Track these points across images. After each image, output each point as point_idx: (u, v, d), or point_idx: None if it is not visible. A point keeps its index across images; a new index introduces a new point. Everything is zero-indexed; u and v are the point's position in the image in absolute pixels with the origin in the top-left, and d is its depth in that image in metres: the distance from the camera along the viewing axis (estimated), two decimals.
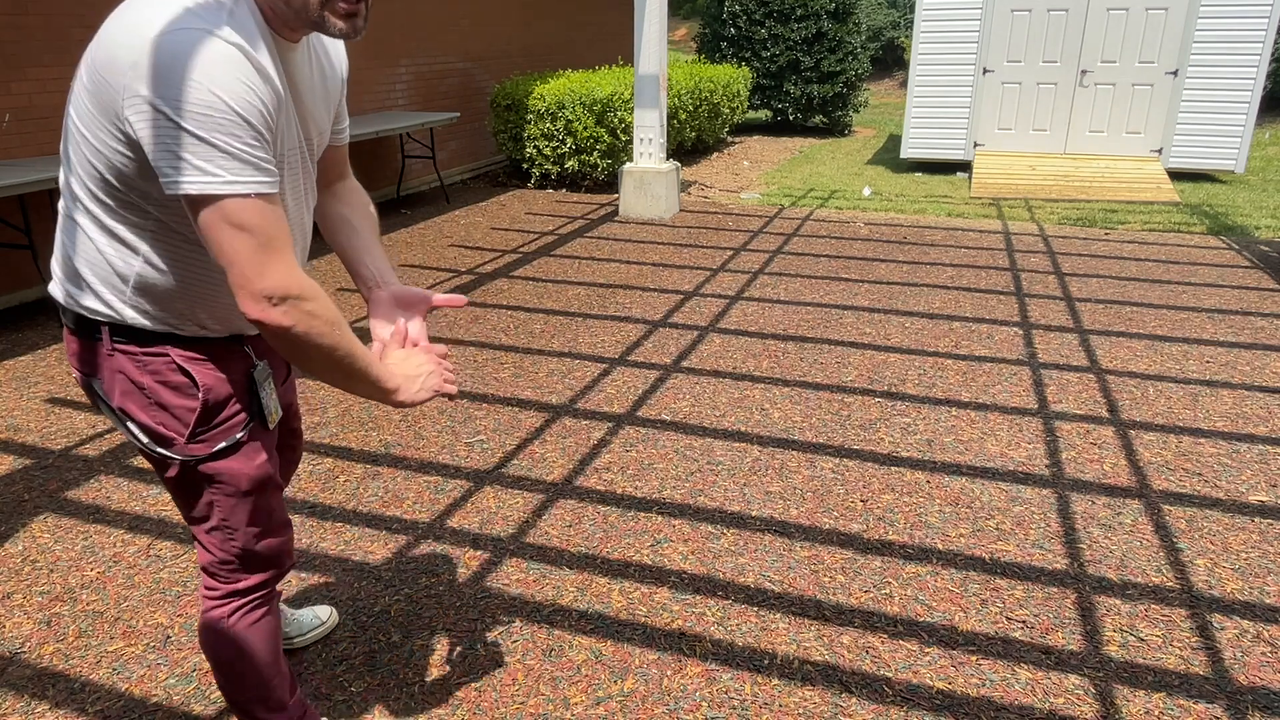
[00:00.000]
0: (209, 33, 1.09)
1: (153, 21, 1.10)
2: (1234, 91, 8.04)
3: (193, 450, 1.37)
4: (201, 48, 1.08)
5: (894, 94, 18.06)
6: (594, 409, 3.44)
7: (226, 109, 1.09)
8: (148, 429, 1.35)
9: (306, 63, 1.32)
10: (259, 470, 1.43)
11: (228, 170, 1.11)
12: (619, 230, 6.47)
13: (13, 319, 4.44)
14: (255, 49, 1.15)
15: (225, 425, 1.39)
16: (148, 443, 1.36)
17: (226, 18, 1.13)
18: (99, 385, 1.35)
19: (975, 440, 3.18)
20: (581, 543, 2.55)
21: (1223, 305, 4.74)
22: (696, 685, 2.00)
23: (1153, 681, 2.01)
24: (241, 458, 1.41)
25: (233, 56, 1.11)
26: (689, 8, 22.98)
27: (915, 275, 5.32)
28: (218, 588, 1.50)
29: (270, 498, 1.48)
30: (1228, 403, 3.50)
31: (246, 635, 1.51)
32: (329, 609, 2.19)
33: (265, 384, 1.44)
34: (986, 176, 8.16)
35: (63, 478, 2.89)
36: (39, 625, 2.19)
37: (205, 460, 1.38)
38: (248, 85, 1.12)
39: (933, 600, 2.30)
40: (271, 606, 1.56)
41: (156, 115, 1.08)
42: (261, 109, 1.14)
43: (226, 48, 1.10)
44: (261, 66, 1.15)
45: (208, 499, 1.41)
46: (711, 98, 9.88)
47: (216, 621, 1.50)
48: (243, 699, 1.58)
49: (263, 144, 1.15)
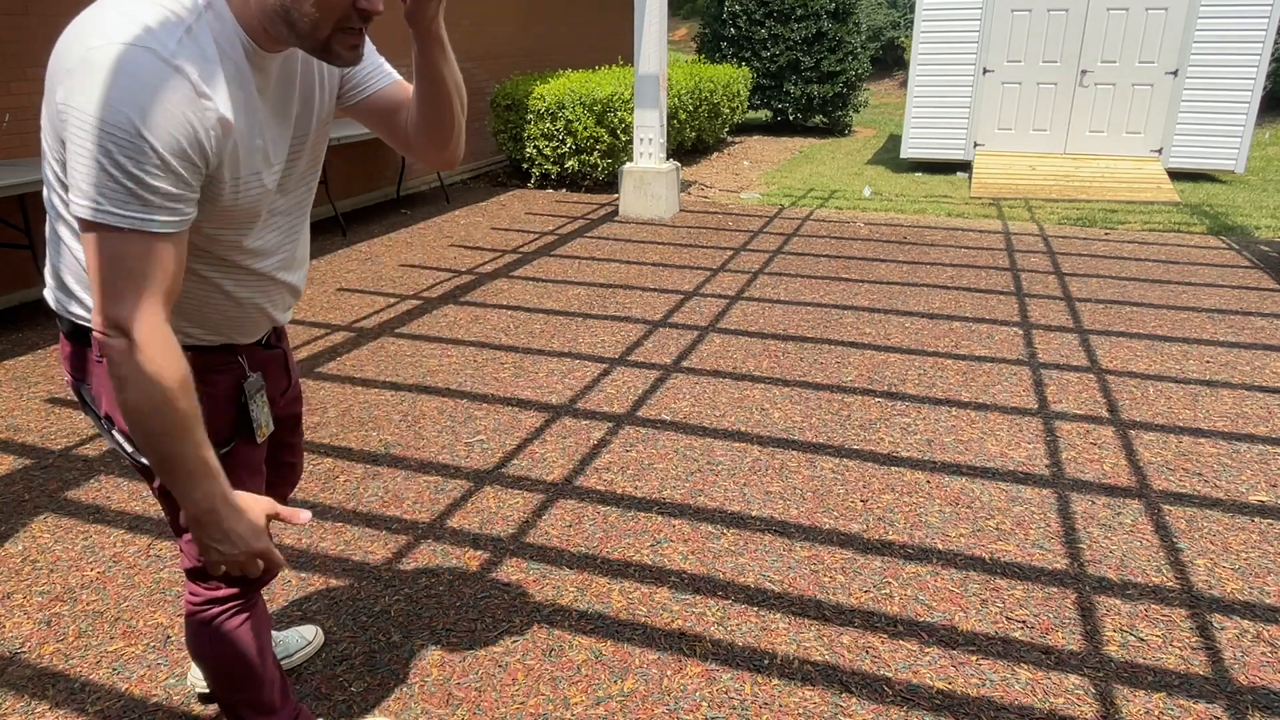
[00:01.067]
0: (150, 50, 1.03)
1: (99, 30, 1.04)
2: (1234, 91, 8.05)
3: None
4: (134, 67, 1.02)
5: (894, 94, 18.06)
6: (594, 409, 3.44)
7: (138, 137, 1.02)
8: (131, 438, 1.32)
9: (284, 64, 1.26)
10: (240, 484, 1.39)
11: (109, 198, 1.04)
12: (619, 230, 6.47)
13: (13, 319, 4.44)
14: (205, 71, 1.08)
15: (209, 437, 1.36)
16: (131, 451, 1.34)
17: (180, 34, 1.06)
18: (87, 392, 1.34)
19: (975, 440, 3.18)
20: (581, 543, 2.55)
21: (1223, 305, 4.74)
22: (696, 685, 2.00)
23: (1153, 681, 2.01)
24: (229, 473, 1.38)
25: (163, 74, 1.03)
26: (689, 8, 22.98)
27: (915, 275, 5.32)
28: (199, 594, 1.50)
29: None
30: (1228, 403, 3.50)
31: (229, 639, 1.51)
32: (314, 628, 2.14)
33: (256, 397, 1.42)
34: (986, 176, 8.16)
35: (63, 478, 2.89)
36: (39, 625, 2.19)
37: None
38: (175, 115, 1.05)
39: (933, 600, 2.30)
40: (254, 612, 1.55)
41: (76, 128, 1.03)
42: (184, 140, 1.06)
43: (163, 71, 1.03)
44: (201, 87, 1.07)
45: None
46: (711, 98, 9.88)
47: (200, 626, 1.51)
48: (230, 701, 1.58)
49: (172, 177, 1.07)
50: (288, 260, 1.42)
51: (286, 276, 1.43)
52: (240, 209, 1.24)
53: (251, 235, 1.30)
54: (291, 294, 1.47)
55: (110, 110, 1.01)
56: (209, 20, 1.10)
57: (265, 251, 1.35)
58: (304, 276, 1.49)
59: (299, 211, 1.41)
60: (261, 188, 1.26)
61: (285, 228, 1.38)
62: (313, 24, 1.11)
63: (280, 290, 1.42)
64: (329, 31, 1.12)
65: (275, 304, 1.43)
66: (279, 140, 1.28)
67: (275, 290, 1.41)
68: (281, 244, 1.39)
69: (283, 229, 1.38)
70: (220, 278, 1.31)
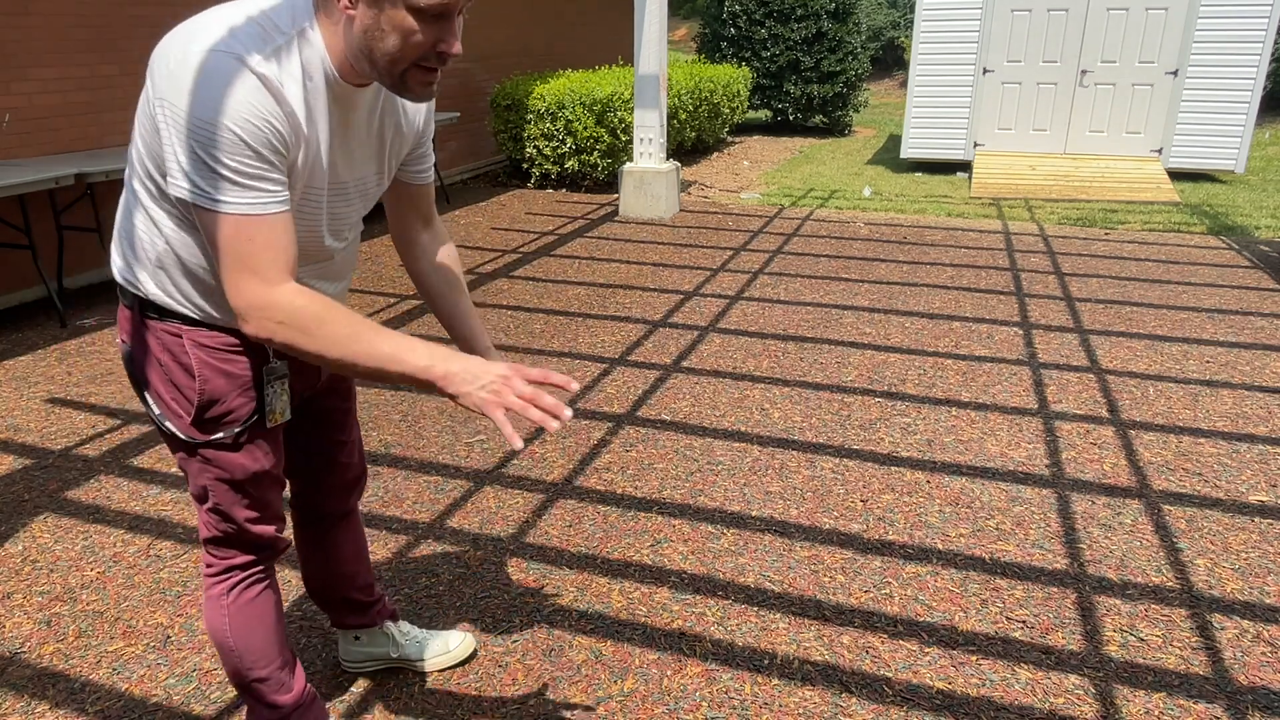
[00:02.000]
0: (238, 59, 1.16)
1: (201, 37, 1.17)
2: (1234, 91, 8.05)
3: (195, 434, 1.42)
4: (225, 72, 1.15)
5: (894, 94, 18.06)
6: (594, 409, 3.44)
7: (226, 131, 1.15)
8: (162, 402, 1.42)
9: (371, 108, 1.36)
10: (255, 464, 1.47)
11: (218, 189, 1.17)
12: (619, 230, 6.47)
13: (13, 319, 4.44)
14: (286, 82, 1.20)
15: (226, 418, 1.42)
16: (158, 415, 1.43)
17: (269, 50, 1.18)
18: (132, 354, 1.43)
19: (975, 440, 3.18)
20: (581, 543, 2.55)
21: (1223, 305, 4.74)
22: (696, 685, 2.00)
23: (1153, 681, 2.01)
24: (242, 452, 1.45)
25: (251, 85, 1.16)
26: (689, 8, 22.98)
27: (915, 275, 5.32)
28: (214, 563, 1.55)
29: (266, 491, 1.51)
30: (1228, 403, 3.50)
31: (246, 609, 1.56)
32: (461, 635, 2.06)
33: (275, 383, 1.46)
34: (986, 176, 8.16)
35: (63, 478, 2.89)
36: (39, 625, 2.19)
37: (203, 446, 1.43)
38: (258, 112, 1.16)
39: (933, 600, 2.30)
40: (268, 585, 1.59)
41: (173, 123, 1.16)
42: (269, 135, 1.18)
43: (248, 76, 1.16)
44: (282, 96, 1.19)
45: (205, 481, 1.47)
46: (711, 98, 9.88)
47: (215, 597, 1.56)
48: (244, 679, 1.60)
49: (264, 165, 1.19)
50: (325, 271, 1.48)
51: (324, 285, 1.49)
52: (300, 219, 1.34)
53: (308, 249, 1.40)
54: None
55: (205, 111, 1.14)
56: (300, 44, 1.21)
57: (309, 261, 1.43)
58: (342, 290, 1.56)
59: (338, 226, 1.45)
60: (318, 204, 1.36)
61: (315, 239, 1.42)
62: (391, 61, 1.20)
63: None
64: (405, 67, 1.21)
65: None
66: (344, 170, 1.37)
67: None
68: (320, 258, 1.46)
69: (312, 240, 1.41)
70: None
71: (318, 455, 1.72)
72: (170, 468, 2.95)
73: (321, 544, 1.83)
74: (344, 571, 1.87)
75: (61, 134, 4.75)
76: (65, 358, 3.92)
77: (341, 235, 1.46)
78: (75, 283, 4.95)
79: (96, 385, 3.62)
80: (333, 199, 1.39)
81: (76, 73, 4.77)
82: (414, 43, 1.19)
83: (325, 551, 1.84)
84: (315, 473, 1.74)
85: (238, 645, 1.57)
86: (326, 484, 1.76)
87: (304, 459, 1.71)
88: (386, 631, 1.98)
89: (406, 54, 1.20)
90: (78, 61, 4.77)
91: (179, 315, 1.38)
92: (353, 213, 1.46)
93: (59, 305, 4.35)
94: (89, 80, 4.85)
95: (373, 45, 1.20)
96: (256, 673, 1.60)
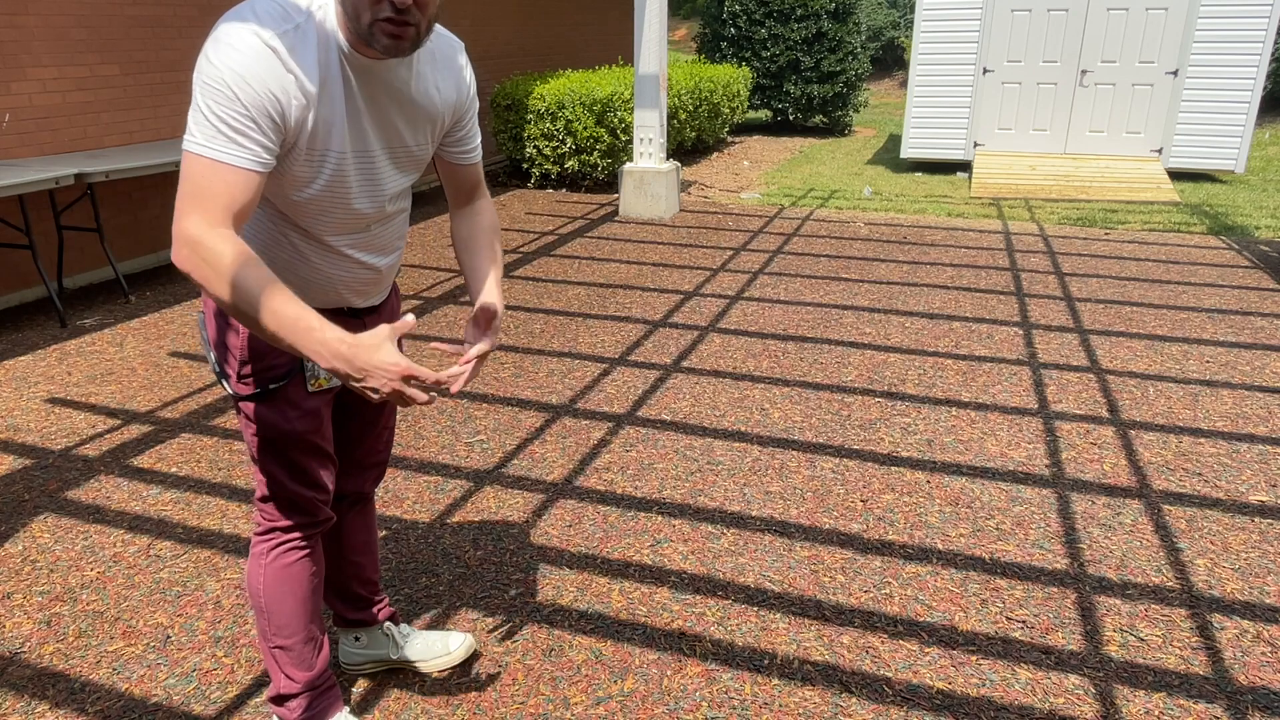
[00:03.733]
0: (254, 33, 1.29)
1: (230, 18, 1.31)
2: (1234, 91, 8.04)
3: (239, 388, 1.55)
4: (238, 40, 1.28)
5: (894, 94, 18.06)
6: (594, 409, 3.44)
7: (225, 86, 1.27)
8: (221, 363, 1.57)
9: (402, 81, 1.44)
10: (288, 424, 1.56)
11: (202, 134, 1.29)
12: (619, 230, 6.47)
13: (13, 319, 4.44)
14: (298, 54, 1.31)
15: (262, 371, 1.54)
16: (216, 371, 1.58)
17: (286, 28, 1.31)
18: (202, 319, 1.59)
19: (975, 440, 3.18)
20: (581, 543, 2.55)
21: (1223, 305, 4.74)
22: (696, 685, 2.00)
23: (1153, 681, 2.01)
24: (272, 408, 1.55)
25: (260, 52, 1.28)
26: (689, 8, 22.98)
27: (915, 275, 5.32)
28: (262, 522, 1.66)
29: (302, 455, 1.60)
30: (1228, 403, 3.50)
31: (282, 574, 1.65)
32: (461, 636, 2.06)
33: None
34: (986, 176, 8.16)
35: (63, 478, 2.89)
36: (39, 625, 2.19)
37: (245, 399, 1.56)
38: (261, 76, 1.28)
39: (933, 600, 2.30)
40: (310, 555, 1.67)
41: (195, 84, 1.31)
42: (264, 100, 1.29)
43: (258, 44, 1.28)
44: (291, 67, 1.31)
45: (249, 438, 1.60)
46: (711, 98, 9.88)
47: (257, 555, 1.66)
48: (268, 642, 1.68)
49: (250, 125, 1.29)
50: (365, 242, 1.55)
51: (363, 256, 1.55)
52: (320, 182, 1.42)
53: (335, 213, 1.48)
54: (369, 273, 1.59)
55: (214, 70, 1.27)
56: (315, 23, 1.34)
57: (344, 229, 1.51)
58: (390, 264, 1.63)
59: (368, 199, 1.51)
60: (341, 168, 1.43)
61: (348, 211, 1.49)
62: (355, 10, 1.29)
63: (353, 267, 1.56)
64: (370, 19, 1.29)
65: (348, 281, 1.57)
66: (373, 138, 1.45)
67: (348, 266, 1.55)
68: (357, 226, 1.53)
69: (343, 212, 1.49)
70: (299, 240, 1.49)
71: (342, 430, 1.78)
72: (170, 468, 2.96)
73: (335, 531, 1.88)
74: (351, 560, 1.91)
75: (61, 134, 4.75)
76: (65, 358, 3.92)
77: (376, 200, 1.51)
78: (75, 283, 4.95)
79: (96, 385, 3.62)
80: (360, 164, 1.46)
81: (76, 72, 4.77)
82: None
83: (336, 537, 1.88)
84: (341, 446, 1.80)
85: (268, 606, 1.66)
86: (350, 459, 1.82)
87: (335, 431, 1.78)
88: (386, 632, 1.99)
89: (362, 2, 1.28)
90: (77, 61, 4.77)
91: None
92: (385, 181, 1.51)
93: (59, 305, 4.35)
94: (88, 80, 4.85)
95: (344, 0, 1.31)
96: (280, 640, 1.68)
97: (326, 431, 1.64)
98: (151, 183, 5.32)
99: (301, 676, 1.71)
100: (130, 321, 4.42)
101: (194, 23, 5.43)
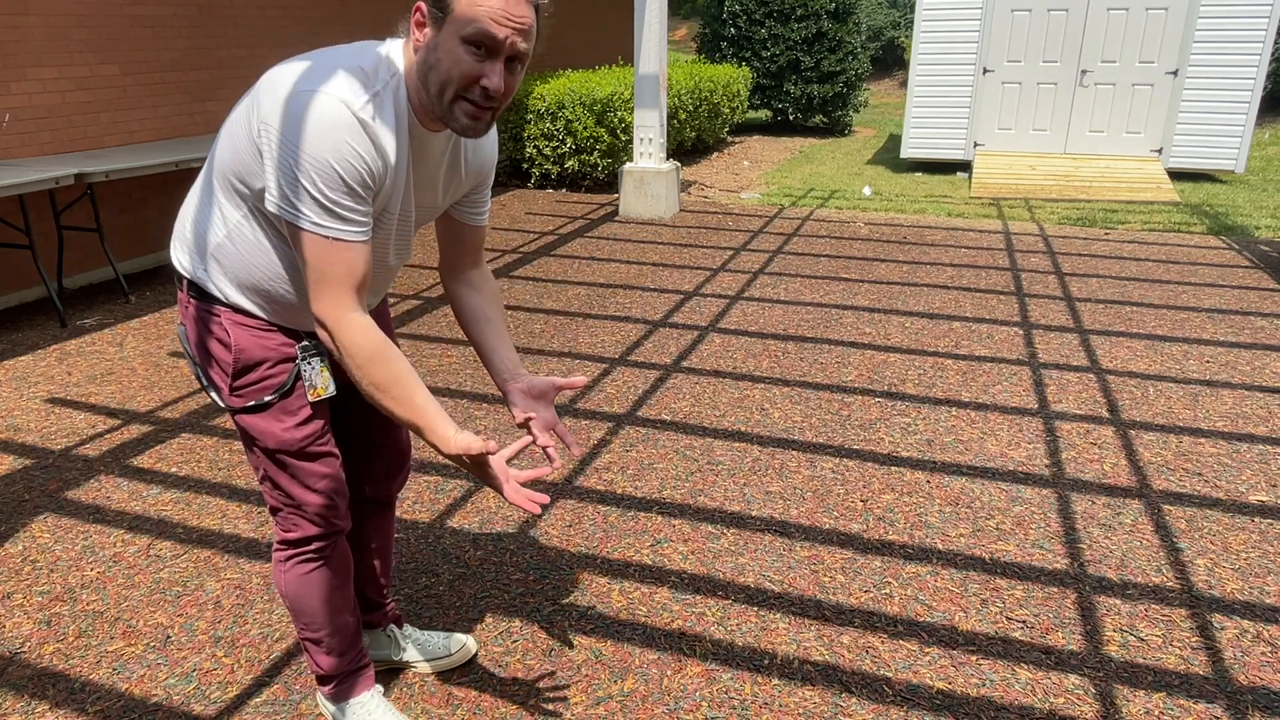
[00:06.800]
0: (345, 104, 1.31)
1: (310, 77, 1.33)
2: (1234, 91, 8.04)
3: (232, 401, 1.55)
4: (330, 114, 1.30)
5: (894, 94, 18.06)
6: (594, 409, 3.44)
7: (327, 165, 1.31)
8: (207, 374, 1.57)
9: (441, 150, 1.50)
10: (287, 434, 1.56)
11: (313, 213, 1.33)
12: (619, 230, 6.47)
13: (13, 319, 4.44)
14: (379, 124, 1.35)
15: (257, 385, 1.54)
16: (205, 385, 1.58)
17: (368, 95, 1.34)
18: (183, 331, 1.59)
19: (975, 440, 3.18)
20: (581, 543, 2.55)
21: (1223, 305, 4.74)
22: (696, 685, 2.00)
23: (1153, 681, 2.01)
24: (269, 419, 1.55)
25: (352, 126, 1.31)
26: (689, 8, 22.98)
27: (915, 275, 5.32)
28: (277, 533, 1.67)
29: (305, 463, 1.59)
30: (1228, 403, 3.50)
31: (295, 581, 1.67)
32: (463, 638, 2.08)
33: (312, 358, 1.57)
34: (986, 176, 8.16)
35: (63, 478, 2.89)
36: (39, 625, 2.19)
37: (240, 413, 1.56)
38: (356, 151, 1.32)
39: (933, 600, 2.30)
40: (327, 563, 1.68)
41: (278, 149, 1.32)
42: (363, 173, 1.34)
43: (349, 118, 1.31)
44: (377, 139, 1.35)
45: (251, 451, 1.61)
46: (711, 98, 9.88)
47: (277, 561, 1.69)
48: (300, 631, 1.74)
49: (354, 199, 1.35)
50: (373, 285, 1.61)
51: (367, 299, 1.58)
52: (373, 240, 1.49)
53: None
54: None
55: (312, 145, 1.30)
56: (393, 91, 1.37)
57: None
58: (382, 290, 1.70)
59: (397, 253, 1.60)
60: (388, 229, 1.51)
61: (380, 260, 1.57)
62: (440, 86, 1.33)
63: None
64: (452, 96, 1.33)
65: None
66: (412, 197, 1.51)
67: None
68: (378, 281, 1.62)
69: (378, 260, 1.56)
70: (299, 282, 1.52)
71: (363, 434, 1.79)
72: (170, 468, 2.96)
73: (354, 533, 1.88)
74: (366, 564, 1.93)
75: (61, 134, 4.75)
76: (65, 358, 3.92)
77: (402, 255, 1.61)
78: (75, 283, 4.95)
79: (96, 385, 3.62)
80: (400, 225, 1.53)
81: (76, 72, 4.77)
82: (460, 70, 1.30)
83: (355, 542, 1.89)
84: (361, 452, 1.81)
85: (294, 605, 1.70)
86: (371, 466, 1.83)
87: (351, 436, 1.79)
88: (390, 635, 2.00)
89: (453, 80, 1.31)
90: (77, 61, 4.77)
91: (221, 300, 1.52)
92: (411, 236, 1.60)
93: (59, 305, 4.35)
94: (88, 80, 4.85)
95: (428, 68, 1.33)
96: (309, 633, 1.73)
97: (329, 435, 1.64)
98: (151, 183, 5.32)
99: (328, 663, 1.76)
100: (130, 321, 4.42)
101: (194, 23, 5.43)
